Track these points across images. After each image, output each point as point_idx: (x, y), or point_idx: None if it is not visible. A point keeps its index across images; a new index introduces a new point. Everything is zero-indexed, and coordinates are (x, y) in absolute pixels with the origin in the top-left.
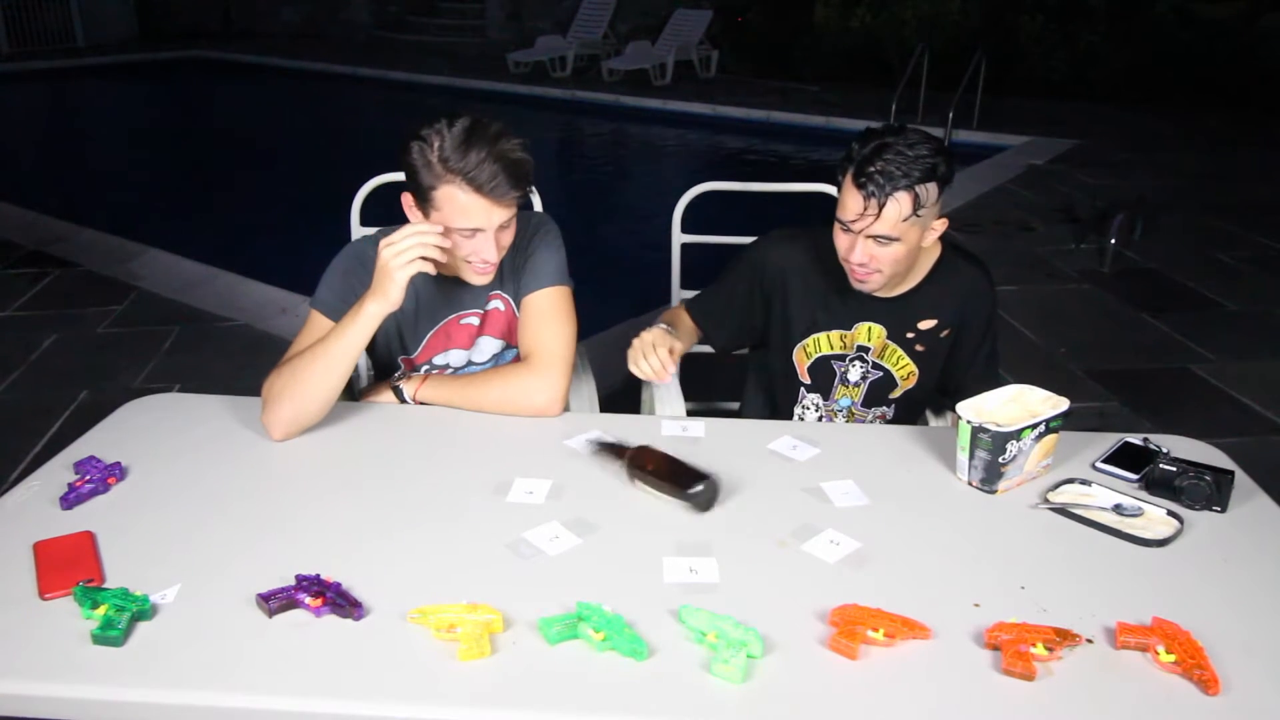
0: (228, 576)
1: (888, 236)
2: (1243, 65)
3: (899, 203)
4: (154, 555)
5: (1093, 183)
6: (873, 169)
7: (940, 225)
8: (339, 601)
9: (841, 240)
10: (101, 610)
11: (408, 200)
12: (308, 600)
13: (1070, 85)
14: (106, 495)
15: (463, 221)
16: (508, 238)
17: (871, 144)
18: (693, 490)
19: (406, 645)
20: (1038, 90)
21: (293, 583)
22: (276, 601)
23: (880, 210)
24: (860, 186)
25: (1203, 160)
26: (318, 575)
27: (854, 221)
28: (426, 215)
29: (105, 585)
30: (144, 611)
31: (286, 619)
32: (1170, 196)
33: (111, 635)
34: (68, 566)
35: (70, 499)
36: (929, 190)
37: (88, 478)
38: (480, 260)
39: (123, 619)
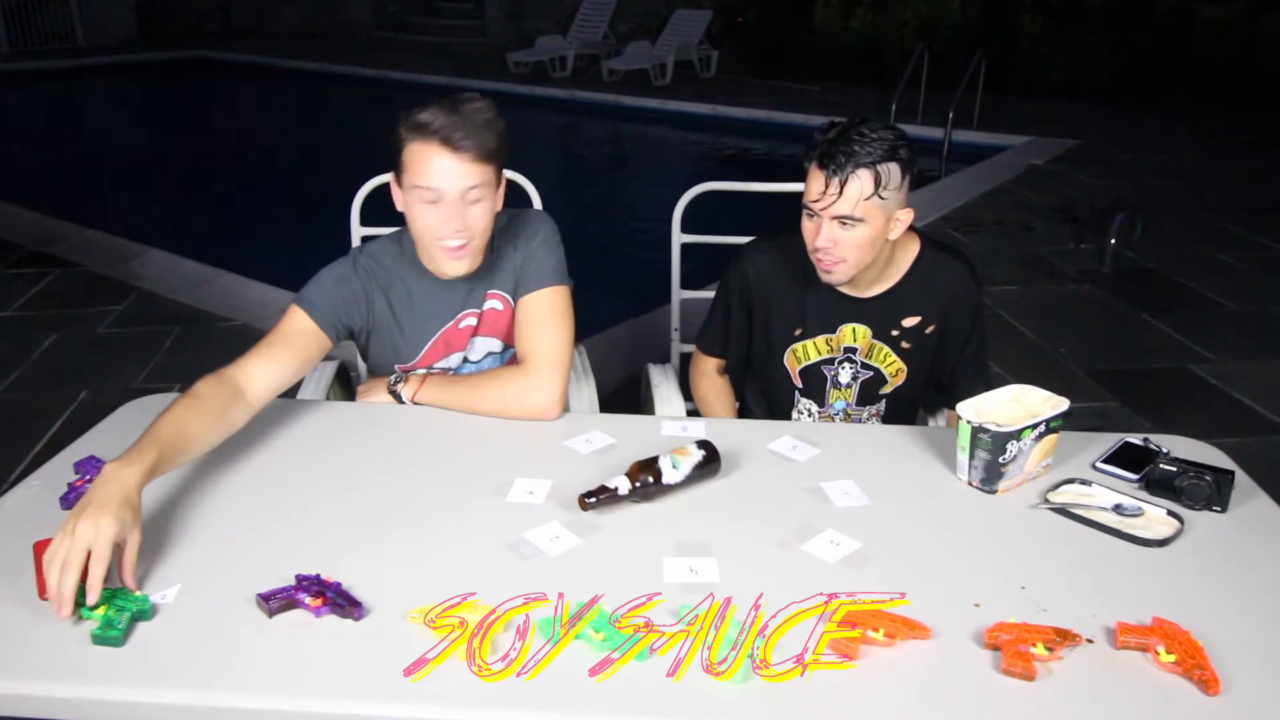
0: (228, 576)
1: (851, 217)
2: (1243, 65)
3: (861, 180)
4: (154, 555)
5: (1093, 183)
6: (835, 149)
7: (906, 216)
8: (339, 601)
9: (808, 228)
10: (101, 610)
11: (394, 184)
12: (308, 600)
13: (1070, 85)
14: None
15: (424, 179)
16: (478, 218)
17: (834, 130)
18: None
19: (406, 645)
20: (1038, 90)
21: (293, 583)
22: (276, 601)
23: (842, 189)
24: (823, 167)
25: (1203, 160)
26: (318, 575)
27: (817, 202)
28: (403, 187)
29: (105, 585)
30: (144, 611)
31: (286, 619)
32: (1170, 196)
33: (111, 635)
34: None
35: (70, 499)
36: (890, 171)
37: (88, 478)
38: (447, 234)
39: (123, 619)
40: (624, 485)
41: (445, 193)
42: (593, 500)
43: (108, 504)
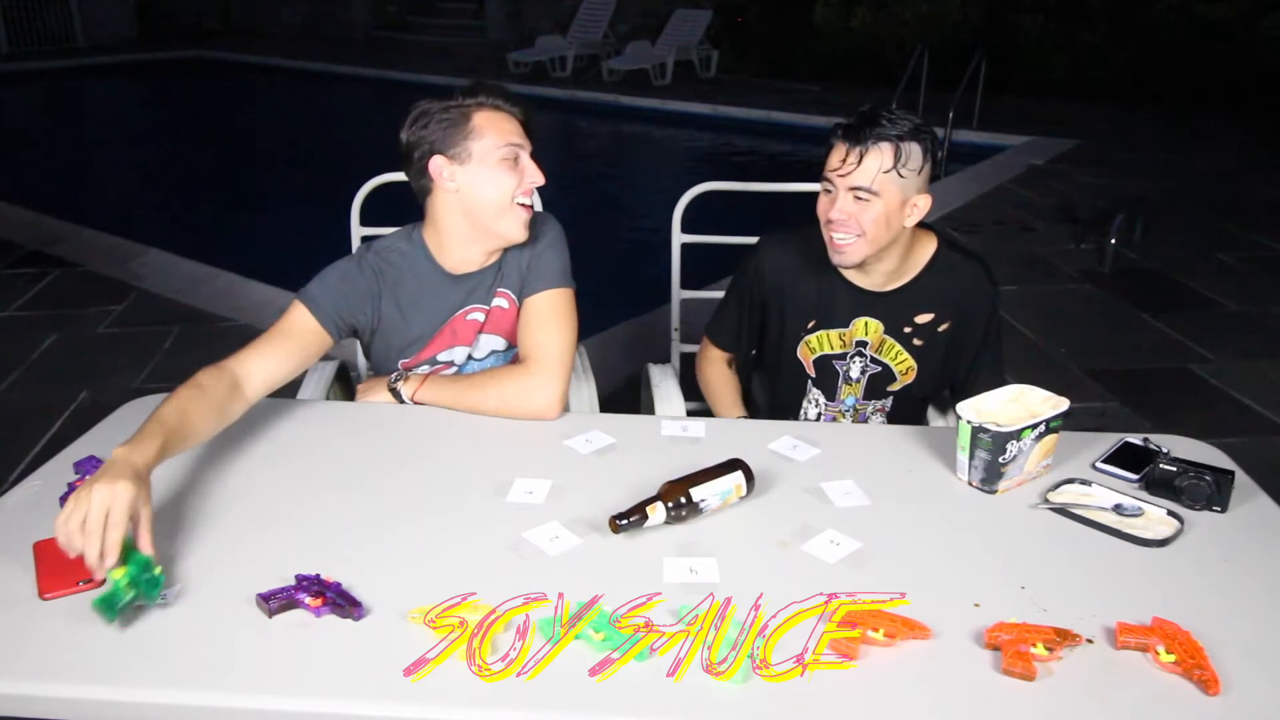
0: (228, 576)
1: (867, 189)
2: (1243, 65)
3: (881, 152)
4: (154, 555)
5: (1093, 183)
6: (860, 123)
7: (924, 203)
8: (339, 601)
9: (823, 202)
10: (120, 572)
11: (438, 165)
12: (308, 600)
13: (1070, 85)
14: None
15: (508, 138)
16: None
17: (861, 109)
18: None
19: (407, 645)
20: (1038, 90)
21: (293, 583)
22: (276, 601)
23: (862, 158)
24: (845, 138)
25: (1203, 160)
26: (318, 575)
27: (835, 170)
28: (464, 162)
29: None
30: (152, 595)
31: (286, 619)
32: (1170, 196)
33: (108, 609)
34: (68, 566)
35: None
36: (911, 149)
37: (88, 477)
38: (528, 190)
39: (127, 597)
40: (659, 516)
41: (524, 149)
42: (624, 523)
43: (122, 475)
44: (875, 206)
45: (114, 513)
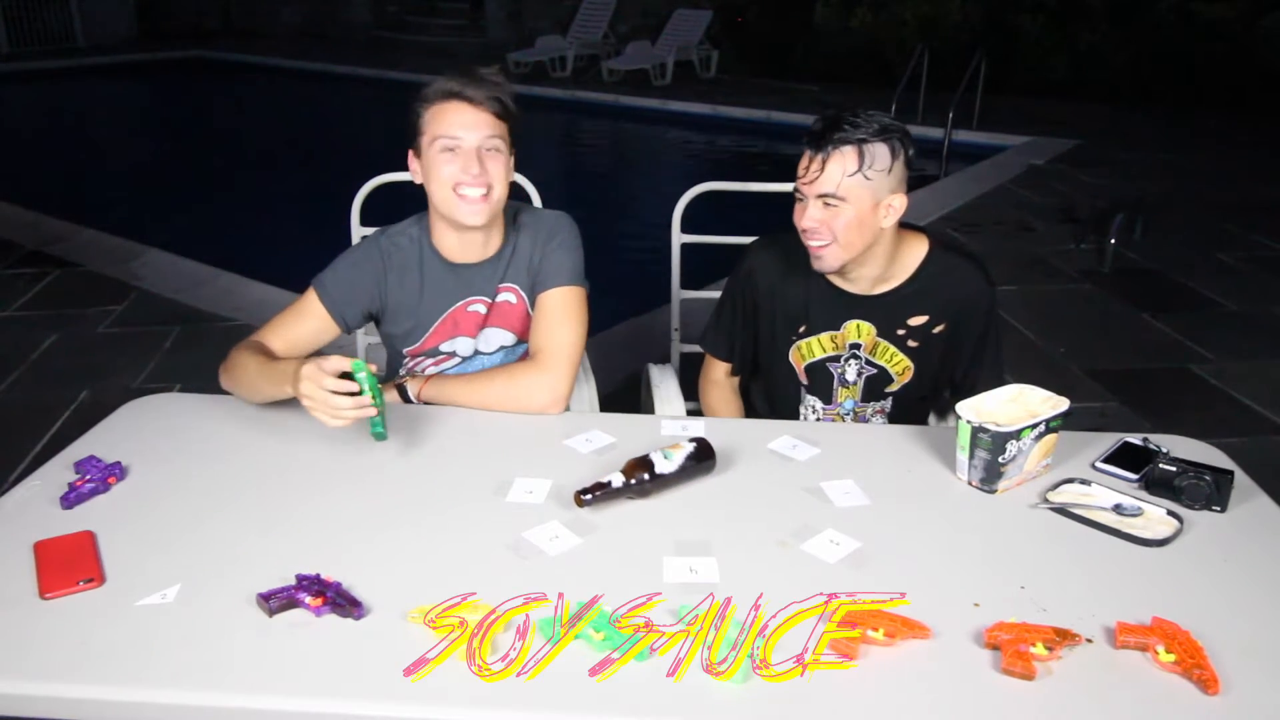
0: (228, 576)
1: (834, 195)
2: (1243, 65)
3: (844, 157)
4: (154, 555)
5: (1093, 183)
6: (824, 130)
7: (899, 204)
8: (339, 601)
9: (796, 211)
10: (370, 399)
11: (411, 159)
12: (308, 600)
13: (1070, 85)
14: (107, 495)
15: (446, 129)
16: (497, 169)
17: (826, 114)
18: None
19: (407, 645)
20: (1038, 90)
21: (293, 582)
22: (276, 601)
23: (824, 165)
24: (810, 146)
25: (1203, 160)
26: (318, 575)
27: (801, 179)
28: (421, 155)
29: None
30: (376, 399)
31: (286, 619)
32: (1170, 196)
33: (379, 433)
34: (68, 566)
35: (70, 499)
36: (876, 151)
37: (88, 477)
38: (468, 180)
39: (381, 419)
40: (619, 480)
41: (464, 140)
42: (589, 497)
43: (292, 373)
44: (845, 212)
45: (325, 384)
